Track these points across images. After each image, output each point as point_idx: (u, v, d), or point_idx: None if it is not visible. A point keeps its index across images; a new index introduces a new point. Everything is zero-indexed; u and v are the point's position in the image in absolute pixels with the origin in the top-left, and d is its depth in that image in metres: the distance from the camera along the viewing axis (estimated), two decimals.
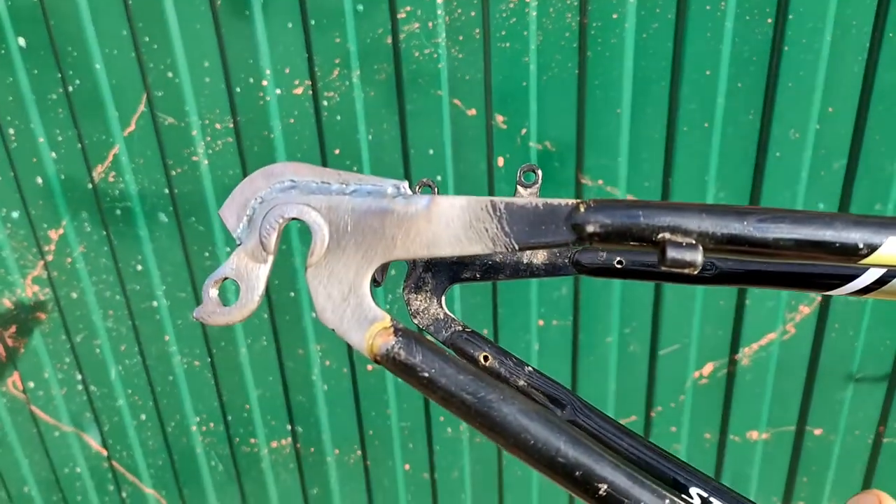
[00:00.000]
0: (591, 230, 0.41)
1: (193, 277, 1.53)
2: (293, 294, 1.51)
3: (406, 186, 0.46)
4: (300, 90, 1.34)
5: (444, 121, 1.34)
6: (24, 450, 1.80)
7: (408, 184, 0.46)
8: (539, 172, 0.49)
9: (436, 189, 0.50)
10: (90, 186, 1.46)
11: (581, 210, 0.42)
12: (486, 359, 0.65)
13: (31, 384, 1.71)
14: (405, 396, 1.61)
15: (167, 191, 1.45)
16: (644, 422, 1.58)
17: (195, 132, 1.38)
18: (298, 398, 1.65)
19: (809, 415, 1.54)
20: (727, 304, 1.45)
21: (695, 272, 0.38)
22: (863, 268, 0.47)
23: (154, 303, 1.57)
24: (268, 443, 1.72)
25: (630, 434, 0.49)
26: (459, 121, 1.34)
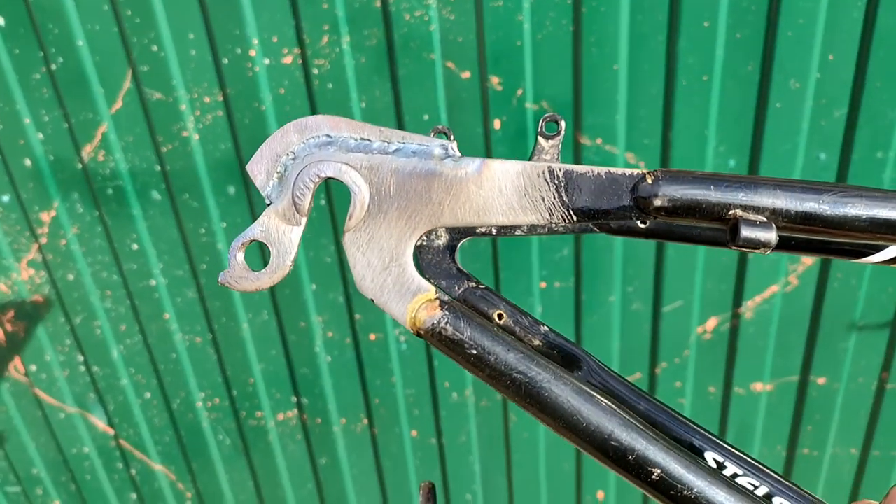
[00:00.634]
0: (659, 204, 0.39)
1: (190, 254, 1.51)
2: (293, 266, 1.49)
3: (455, 147, 0.43)
4: (289, 59, 1.31)
5: (438, 85, 1.31)
6: (31, 432, 1.80)
7: (456, 144, 0.42)
8: (563, 123, 0.46)
9: (451, 136, 0.47)
10: (80, 166, 1.44)
11: (648, 181, 0.39)
12: (501, 317, 0.63)
13: (34, 367, 1.70)
14: (409, 364, 1.60)
15: (158, 168, 1.42)
16: (649, 378, 1.59)
17: (184, 107, 1.35)
18: (302, 370, 1.65)
19: (813, 364, 1.54)
20: (729, 259, 1.44)
21: (767, 252, 0.37)
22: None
23: (152, 281, 1.55)
24: (274, 415, 1.72)
25: (646, 396, 0.48)
26: (453, 84, 1.31)
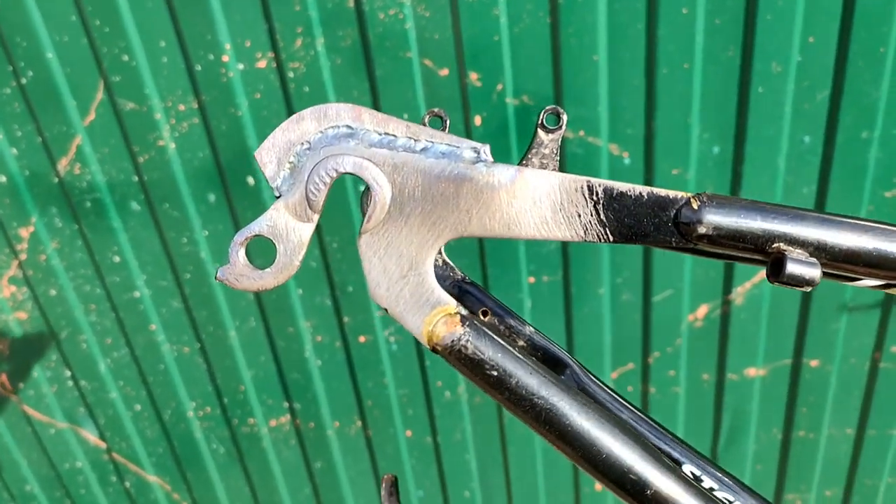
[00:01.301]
0: (702, 232, 0.37)
1: (173, 264, 1.49)
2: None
3: (487, 150, 0.40)
4: (263, 63, 1.29)
5: (417, 83, 1.29)
6: (22, 449, 1.78)
7: (489, 147, 0.39)
8: (564, 117, 0.43)
9: (447, 121, 0.44)
10: (56, 180, 1.41)
11: (693, 206, 0.37)
12: (486, 314, 0.61)
13: (21, 384, 1.68)
14: (401, 364, 1.59)
15: (136, 178, 1.40)
16: (641, 368, 1.58)
17: (158, 116, 1.33)
18: (293, 375, 1.63)
19: (805, 347, 1.54)
20: None
21: (807, 290, 0.35)
22: None
23: (136, 293, 1.53)
24: (266, 422, 1.71)
25: (629, 405, 0.47)
26: (432, 82, 1.29)
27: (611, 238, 0.39)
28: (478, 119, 1.31)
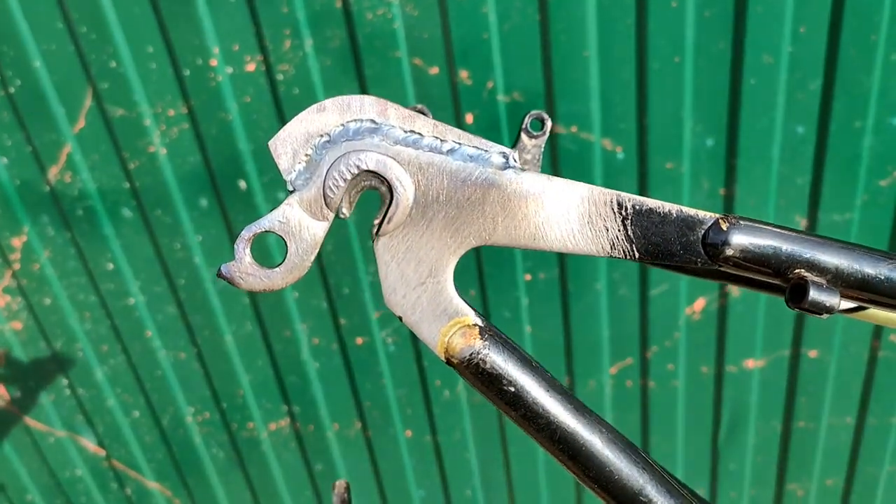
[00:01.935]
0: (730, 254, 0.37)
1: (167, 270, 1.49)
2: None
3: (517, 157, 0.38)
4: (252, 66, 1.28)
5: (407, 83, 1.28)
6: (21, 459, 1.77)
7: (518, 154, 0.38)
8: (549, 123, 0.42)
9: (429, 115, 0.41)
10: (47, 189, 1.40)
11: (723, 228, 0.37)
12: None
13: (18, 394, 1.68)
14: (398, 365, 1.59)
15: (127, 185, 1.39)
16: (640, 363, 1.58)
17: (148, 122, 1.32)
18: (291, 378, 1.63)
19: (803, 338, 1.53)
20: None
21: (824, 317, 0.36)
22: None
23: (130, 300, 1.53)
24: (265, 425, 1.70)
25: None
26: (422, 81, 1.28)
27: (636, 255, 0.38)
28: (469, 117, 1.30)
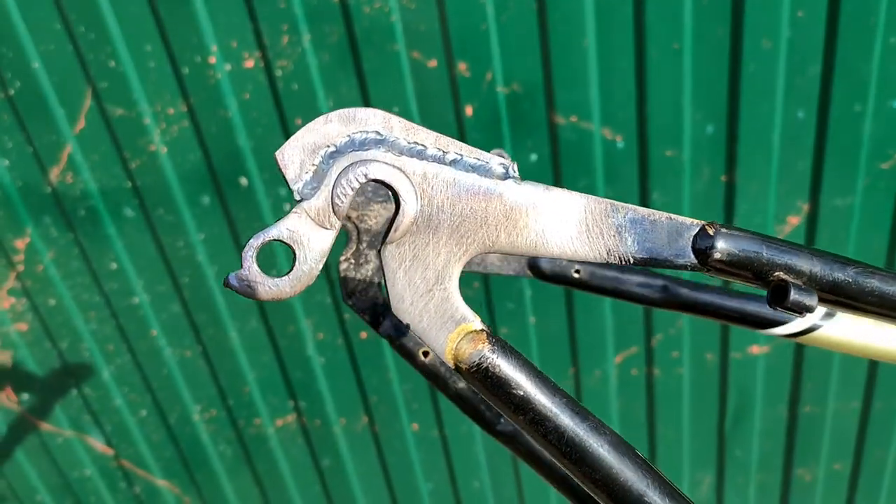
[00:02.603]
0: (717, 258, 0.39)
1: (171, 269, 1.49)
2: (275, 272, 1.47)
3: (516, 168, 0.39)
4: (251, 63, 1.28)
5: (405, 76, 1.28)
6: (30, 460, 1.78)
7: (517, 165, 0.39)
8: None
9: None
10: (49, 190, 1.41)
11: (710, 233, 0.39)
12: (426, 354, 0.61)
13: (25, 395, 1.68)
14: (404, 360, 1.59)
15: (129, 184, 1.39)
16: (645, 351, 1.58)
17: (147, 120, 1.32)
18: (296, 374, 1.63)
19: None
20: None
21: (803, 318, 0.39)
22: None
23: (135, 299, 1.53)
24: (272, 421, 1.71)
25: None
26: (421, 74, 1.28)
27: (631, 261, 0.39)
28: (469, 109, 1.30)
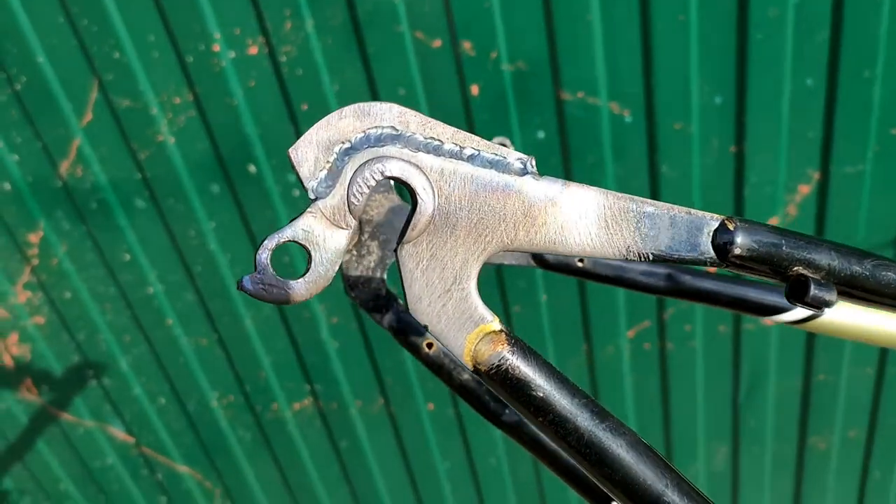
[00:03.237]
0: (738, 252, 0.39)
1: (184, 258, 1.50)
2: (287, 259, 1.48)
3: (533, 163, 0.38)
4: (255, 49, 1.28)
5: (410, 57, 1.28)
6: (53, 450, 1.80)
7: (535, 160, 0.38)
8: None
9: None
10: (60, 184, 1.41)
11: (729, 228, 0.39)
12: (430, 346, 0.60)
13: (45, 387, 1.70)
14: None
15: (139, 175, 1.40)
16: (658, 325, 1.58)
17: (154, 111, 1.33)
18: (312, 358, 1.64)
19: None
20: (725, 195, 1.42)
21: (820, 313, 0.38)
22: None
23: (150, 289, 1.54)
24: (289, 405, 1.72)
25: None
26: (426, 54, 1.28)
27: (651, 257, 0.39)
28: (475, 88, 1.30)
